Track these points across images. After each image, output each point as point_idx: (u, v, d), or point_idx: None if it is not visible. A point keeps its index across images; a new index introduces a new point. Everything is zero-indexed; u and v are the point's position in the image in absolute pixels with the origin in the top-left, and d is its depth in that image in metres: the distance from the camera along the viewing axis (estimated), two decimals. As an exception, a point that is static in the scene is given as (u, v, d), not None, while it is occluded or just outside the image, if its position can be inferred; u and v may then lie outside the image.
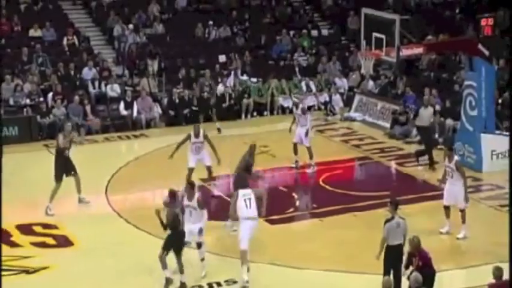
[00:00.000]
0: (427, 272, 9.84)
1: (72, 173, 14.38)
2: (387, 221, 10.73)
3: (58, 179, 14.25)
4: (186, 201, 11.49)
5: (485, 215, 14.04)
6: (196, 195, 11.64)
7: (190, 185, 11.66)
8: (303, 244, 12.80)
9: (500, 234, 13.30)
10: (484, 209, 14.26)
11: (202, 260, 11.43)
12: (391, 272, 10.46)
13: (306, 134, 16.39)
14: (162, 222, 11.05)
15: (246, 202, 11.32)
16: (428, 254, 10.14)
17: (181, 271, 10.97)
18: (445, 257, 11.72)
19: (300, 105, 17.17)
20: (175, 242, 10.96)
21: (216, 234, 12.28)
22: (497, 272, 9.90)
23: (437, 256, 10.62)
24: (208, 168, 14.86)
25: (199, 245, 11.39)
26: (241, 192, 11.47)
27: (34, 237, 13.25)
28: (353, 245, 12.59)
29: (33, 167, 17.17)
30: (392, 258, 10.55)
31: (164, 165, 16.27)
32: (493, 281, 9.93)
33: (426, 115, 17.25)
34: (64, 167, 14.29)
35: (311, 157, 16.34)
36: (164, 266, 10.96)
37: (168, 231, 11.04)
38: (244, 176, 12.54)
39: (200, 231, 11.34)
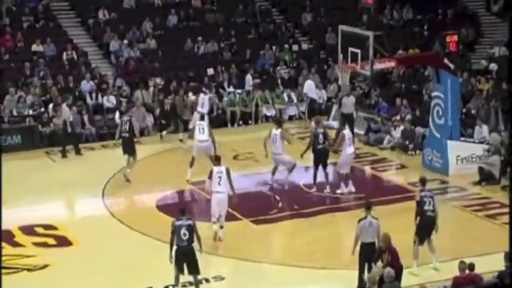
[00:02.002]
0: (395, 267, 9.90)
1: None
2: (360, 220, 10.81)
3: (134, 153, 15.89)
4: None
5: (450, 214, 14.08)
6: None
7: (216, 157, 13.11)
8: (286, 242, 12.81)
9: (465, 232, 13.49)
10: (450, 209, 14.30)
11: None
12: (366, 267, 10.53)
13: None
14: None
15: (274, 139, 14.96)
16: (396, 250, 10.18)
17: None
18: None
19: (200, 111, 18.10)
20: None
21: (203, 234, 12.22)
22: (462, 266, 10.00)
23: (406, 253, 10.68)
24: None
25: None
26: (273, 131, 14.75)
27: (36, 237, 13.19)
28: (331, 242, 12.64)
29: (35, 172, 17.08)
30: (366, 255, 10.61)
31: (156, 171, 16.27)
32: (458, 274, 10.02)
33: (349, 103, 17.88)
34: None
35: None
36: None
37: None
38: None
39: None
